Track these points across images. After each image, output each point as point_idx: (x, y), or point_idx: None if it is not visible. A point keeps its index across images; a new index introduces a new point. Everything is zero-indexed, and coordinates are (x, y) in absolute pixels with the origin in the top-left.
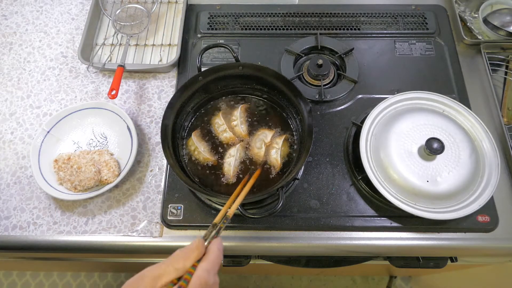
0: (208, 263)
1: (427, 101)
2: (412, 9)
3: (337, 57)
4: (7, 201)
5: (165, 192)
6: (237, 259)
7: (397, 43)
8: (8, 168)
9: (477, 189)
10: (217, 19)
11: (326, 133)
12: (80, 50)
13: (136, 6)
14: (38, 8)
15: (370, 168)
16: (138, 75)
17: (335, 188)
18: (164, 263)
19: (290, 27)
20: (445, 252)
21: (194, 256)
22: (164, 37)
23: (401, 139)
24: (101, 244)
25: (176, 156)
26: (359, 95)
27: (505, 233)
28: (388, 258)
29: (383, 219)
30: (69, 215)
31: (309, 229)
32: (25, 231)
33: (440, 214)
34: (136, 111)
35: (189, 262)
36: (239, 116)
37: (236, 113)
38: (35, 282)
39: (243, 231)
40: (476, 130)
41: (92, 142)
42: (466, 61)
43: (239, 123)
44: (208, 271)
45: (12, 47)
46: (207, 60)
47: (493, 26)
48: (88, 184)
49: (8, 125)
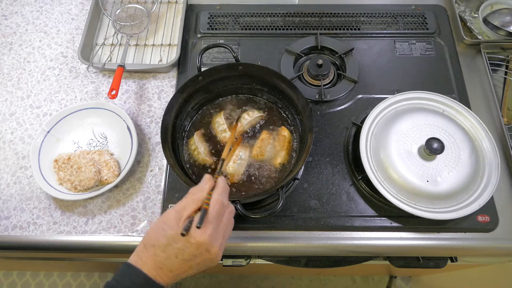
0: (219, 190)
1: (427, 101)
2: (412, 9)
3: (337, 57)
4: (7, 201)
5: (165, 192)
6: (237, 259)
7: (397, 43)
8: (8, 168)
9: (477, 189)
10: (217, 19)
11: (326, 133)
12: (80, 50)
13: (136, 6)
14: (38, 8)
15: (370, 168)
16: (138, 75)
17: (335, 188)
18: (184, 199)
19: (290, 27)
20: (445, 252)
21: (208, 187)
22: (164, 37)
23: (401, 139)
24: (101, 244)
25: (176, 156)
26: (359, 95)
27: (505, 233)
28: (388, 258)
29: (383, 219)
30: (69, 215)
31: (309, 229)
32: (25, 231)
33: (440, 214)
34: (136, 111)
35: (204, 193)
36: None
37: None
38: (35, 282)
39: (243, 231)
40: (476, 130)
41: (92, 142)
42: (466, 61)
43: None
44: (221, 195)
45: (12, 47)
46: (207, 60)
47: (493, 26)
48: (88, 184)
49: (8, 125)
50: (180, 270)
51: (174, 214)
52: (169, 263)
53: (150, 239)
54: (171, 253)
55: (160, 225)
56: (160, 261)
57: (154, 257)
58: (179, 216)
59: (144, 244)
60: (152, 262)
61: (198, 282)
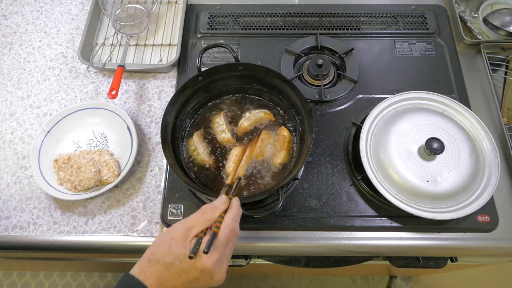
0: (233, 214)
1: (427, 101)
2: (412, 9)
3: (337, 57)
4: (7, 201)
5: (165, 192)
6: (237, 259)
7: (397, 43)
8: (8, 168)
9: (477, 189)
10: (217, 19)
11: (326, 133)
12: (80, 50)
13: (136, 6)
14: (38, 8)
15: (370, 168)
16: (138, 75)
17: (335, 188)
18: (194, 216)
19: (290, 27)
20: (445, 252)
21: (221, 209)
22: (164, 37)
23: (401, 139)
24: (101, 244)
25: (176, 156)
26: (359, 95)
27: (505, 233)
28: (388, 258)
29: (383, 219)
30: (69, 215)
31: (309, 229)
32: (25, 231)
33: (440, 214)
34: (136, 111)
35: (217, 213)
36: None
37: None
38: (35, 282)
39: (243, 231)
40: (476, 130)
41: (92, 142)
42: (466, 61)
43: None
44: (234, 220)
45: (12, 47)
46: (207, 60)
47: (493, 26)
48: (88, 184)
49: (8, 125)
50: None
51: (182, 232)
52: (171, 282)
53: (154, 254)
54: (174, 272)
55: (166, 241)
56: (162, 278)
57: (157, 274)
58: (187, 234)
59: (148, 258)
60: (155, 278)
61: None
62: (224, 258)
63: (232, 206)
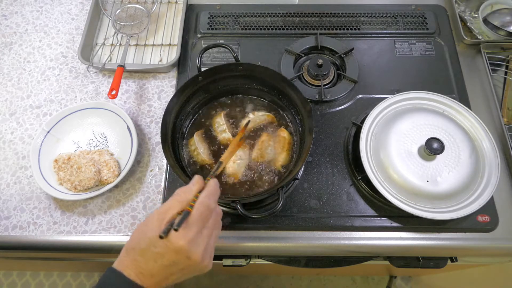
0: (207, 192)
1: (427, 101)
2: (412, 9)
3: (337, 57)
4: (7, 201)
5: (165, 192)
6: (237, 259)
7: (397, 43)
8: (8, 168)
9: (477, 189)
10: (217, 19)
11: (326, 133)
12: (80, 50)
13: (136, 6)
14: (38, 8)
15: (370, 168)
16: (138, 75)
17: (335, 188)
18: (168, 200)
19: (290, 27)
20: (445, 252)
21: (195, 189)
22: (164, 37)
23: (401, 139)
24: (101, 244)
25: (176, 156)
26: (359, 95)
27: (505, 233)
28: (388, 258)
29: (383, 219)
30: (69, 215)
31: (309, 229)
32: (25, 231)
33: (440, 214)
34: (136, 111)
35: (190, 195)
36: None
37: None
38: (35, 282)
39: (243, 231)
40: (476, 130)
41: (92, 142)
42: (466, 61)
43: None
44: (208, 197)
45: (12, 47)
46: (207, 60)
47: (493, 26)
48: (88, 184)
49: (8, 125)
50: (162, 276)
51: (157, 216)
52: (148, 268)
53: (131, 242)
54: (149, 257)
55: (141, 228)
56: (139, 265)
57: (134, 262)
58: (161, 218)
59: (125, 247)
60: (133, 266)
61: (198, 282)
62: (202, 239)
63: (208, 185)
